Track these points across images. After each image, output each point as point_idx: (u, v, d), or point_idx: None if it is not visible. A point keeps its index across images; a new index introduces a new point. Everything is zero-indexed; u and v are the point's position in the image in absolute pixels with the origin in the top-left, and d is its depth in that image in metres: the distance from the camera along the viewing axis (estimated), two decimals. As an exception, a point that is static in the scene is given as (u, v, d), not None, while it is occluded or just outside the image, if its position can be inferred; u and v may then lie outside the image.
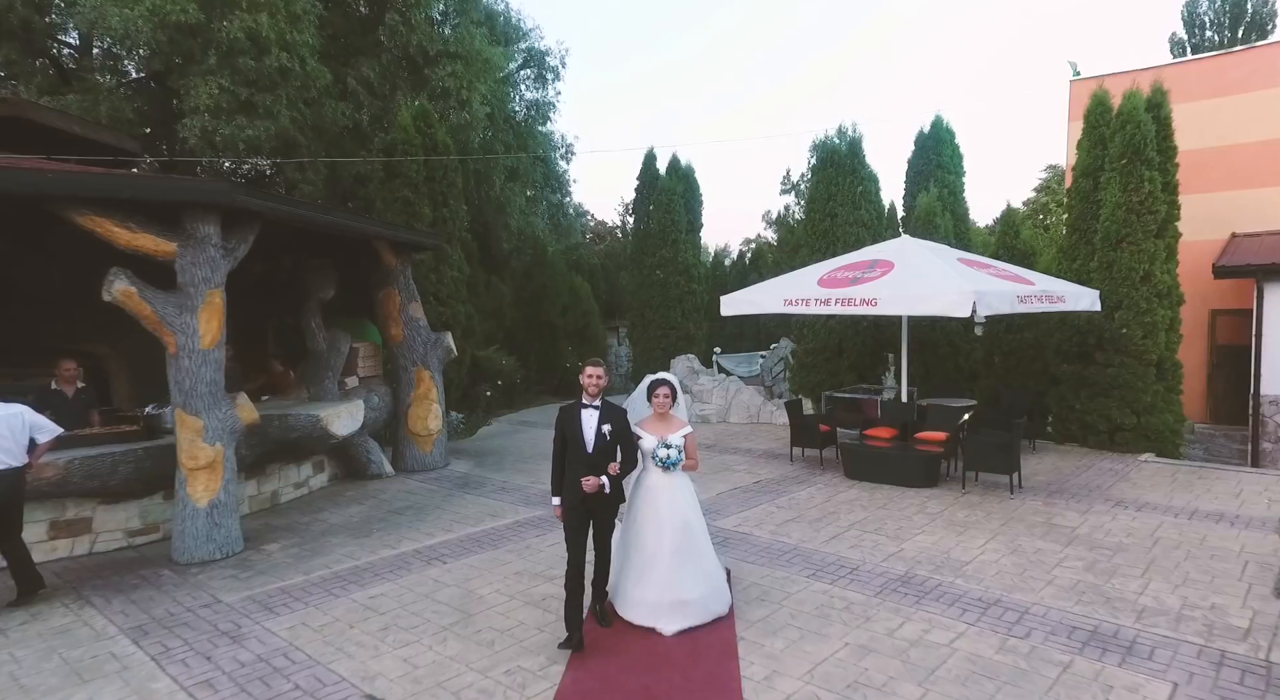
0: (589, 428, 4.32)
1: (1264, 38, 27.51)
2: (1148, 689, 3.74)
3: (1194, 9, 27.60)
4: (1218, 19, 27.74)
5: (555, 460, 4.47)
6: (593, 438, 4.30)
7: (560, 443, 4.42)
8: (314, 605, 5.00)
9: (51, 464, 5.65)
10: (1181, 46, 29.05)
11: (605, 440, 4.32)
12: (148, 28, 10.18)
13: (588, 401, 4.37)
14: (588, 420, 4.34)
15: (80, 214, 5.55)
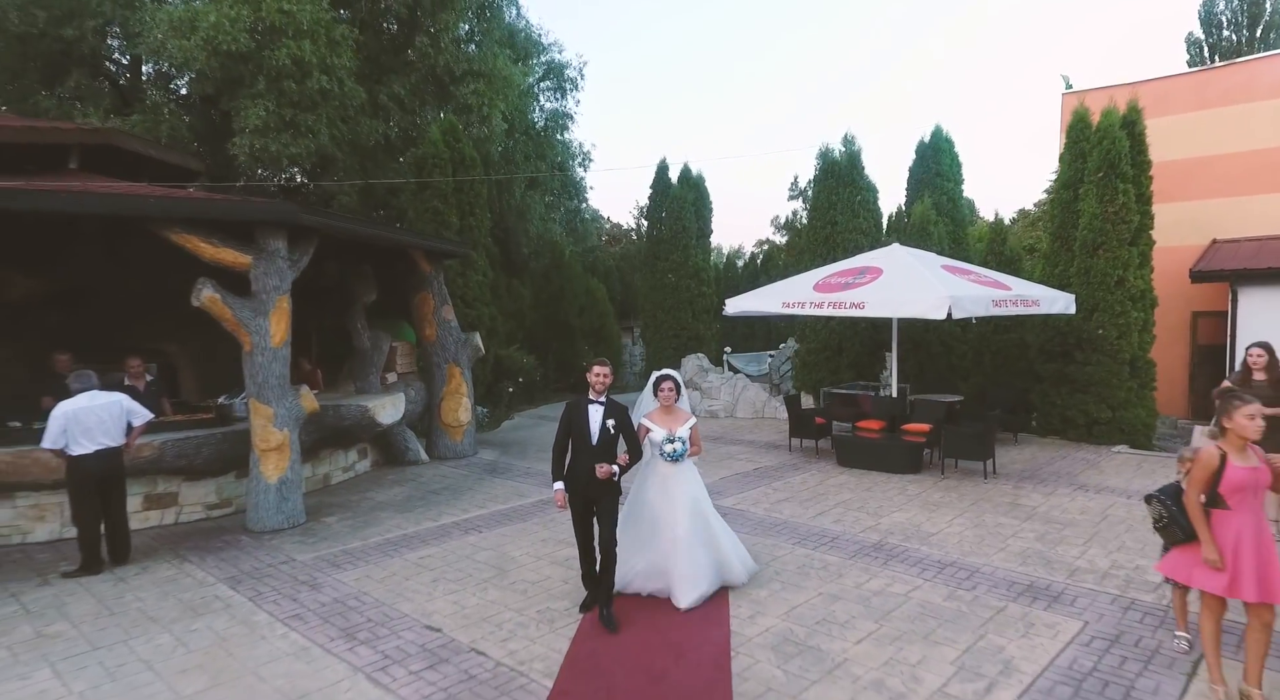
0: (594, 421, 4.69)
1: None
2: (1063, 626, 4.56)
3: (1211, 9, 27.56)
4: (1235, 19, 27.61)
5: (557, 449, 4.79)
6: (597, 431, 4.67)
7: (564, 433, 4.77)
8: (373, 563, 5.93)
9: (148, 445, 6.64)
10: (1199, 46, 29.06)
11: (609, 433, 4.70)
12: (202, 55, 11.20)
13: (594, 397, 4.75)
14: (594, 415, 4.71)
15: (174, 232, 6.53)
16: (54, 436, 5.56)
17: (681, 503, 4.96)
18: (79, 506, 5.75)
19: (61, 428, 5.59)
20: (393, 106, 14.21)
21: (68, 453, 5.65)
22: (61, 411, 5.63)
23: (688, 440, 4.97)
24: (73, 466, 5.71)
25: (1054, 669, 4.03)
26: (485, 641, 4.48)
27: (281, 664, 4.23)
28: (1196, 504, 3.65)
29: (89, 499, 5.77)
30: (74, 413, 5.66)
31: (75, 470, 5.72)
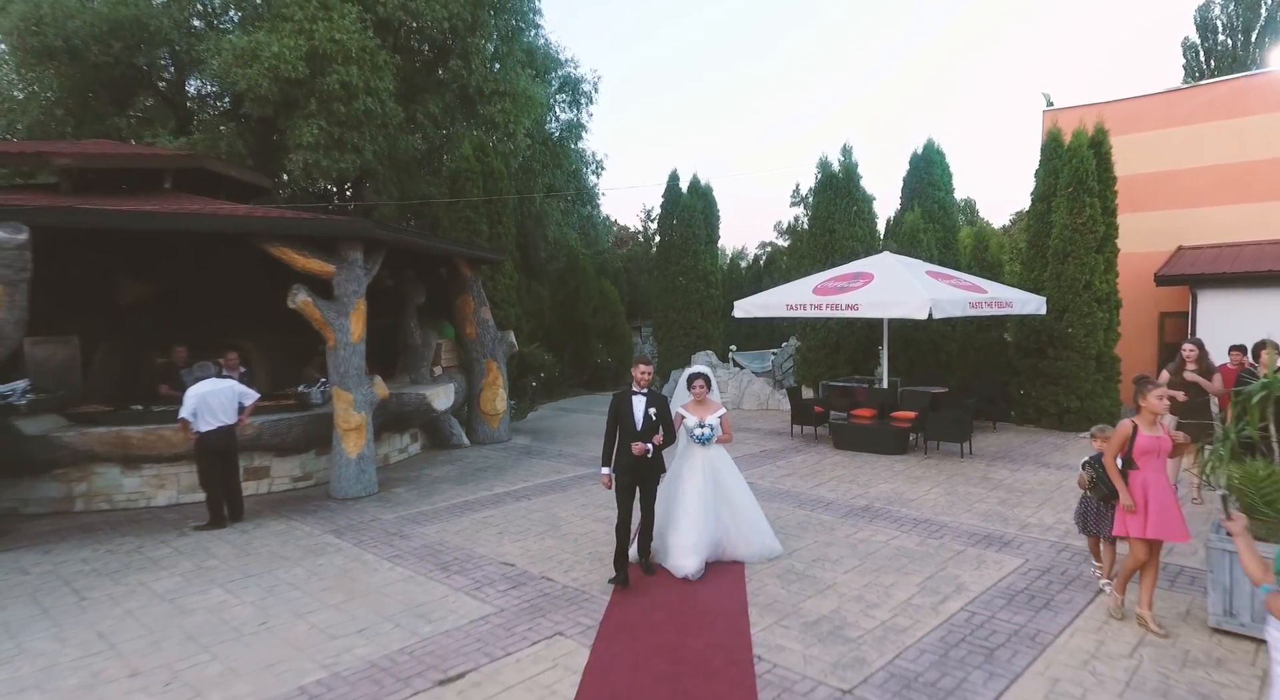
0: (639, 410, 5.34)
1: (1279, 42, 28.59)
2: (1007, 562, 5.78)
3: (1207, 14, 28.23)
4: (1231, 23, 28.20)
5: (608, 437, 5.40)
6: (641, 418, 5.32)
7: (613, 422, 5.39)
8: (446, 521, 7.15)
9: (251, 424, 7.87)
10: (1195, 51, 29.88)
11: (650, 420, 5.35)
12: (265, 82, 12.44)
13: (637, 389, 5.40)
14: (637, 404, 5.35)
15: (272, 245, 7.76)
16: (189, 410, 6.79)
17: (706, 480, 5.70)
18: (207, 473, 6.98)
19: (194, 407, 6.82)
20: (427, 123, 15.45)
21: (196, 429, 6.88)
22: (194, 393, 6.85)
23: (717, 426, 5.67)
24: (201, 440, 6.93)
25: (994, 589, 5.25)
26: (551, 572, 5.71)
27: (395, 586, 5.45)
28: (1113, 464, 4.79)
29: (214, 467, 7.00)
30: (203, 395, 6.89)
31: (202, 443, 6.95)
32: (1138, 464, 4.71)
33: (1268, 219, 12.83)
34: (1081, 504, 5.31)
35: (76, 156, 8.61)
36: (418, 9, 14.38)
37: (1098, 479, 5.07)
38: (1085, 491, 5.21)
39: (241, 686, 3.99)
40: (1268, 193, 12.87)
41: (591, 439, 11.69)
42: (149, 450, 7.62)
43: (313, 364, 10.61)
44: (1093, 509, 5.18)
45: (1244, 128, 13.06)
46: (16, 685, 4.03)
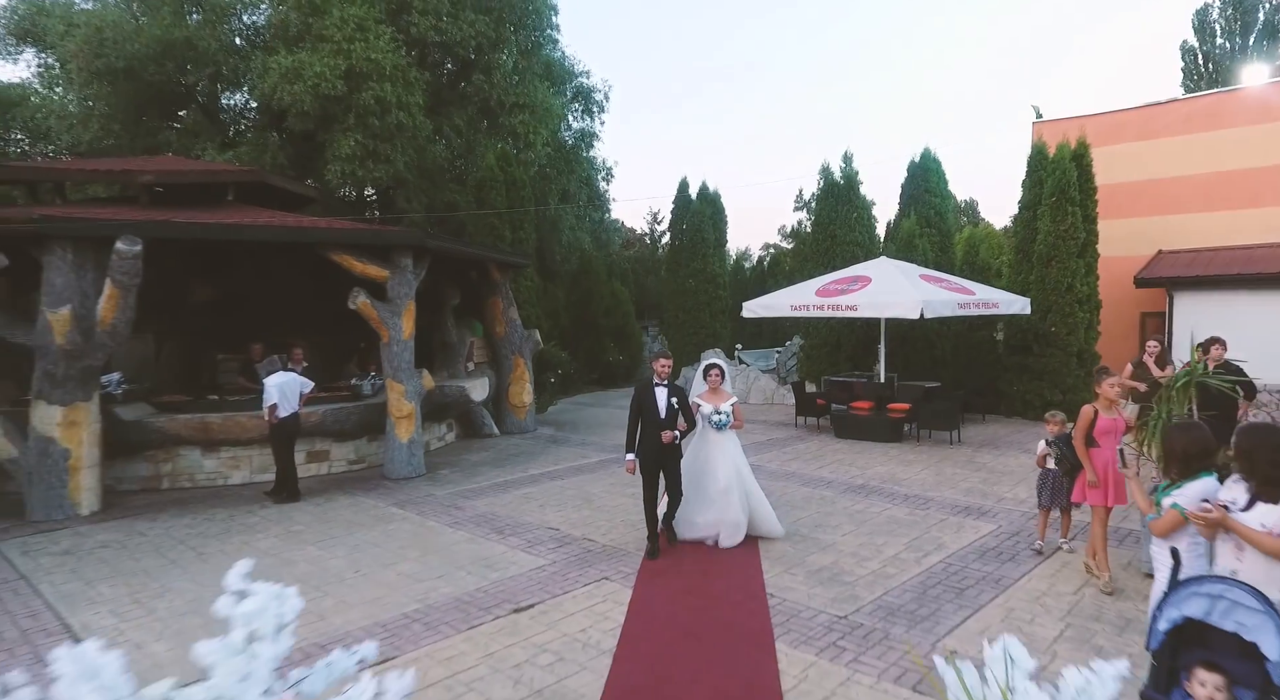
0: (661, 400, 5.92)
1: (1276, 45, 29.23)
2: (982, 527, 6.72)
3: (1205, 17, 28.85)
4: (1229, 26, 28.80)
5: (631, 425, 5.97)
6: (664, 407, 5.90)
7: (636, 412, 5.94)
8: (492, 496, 8.12)
9: (314, 413, 8.85)
10: (1193, 53, 30.57)
11: (672, 408, 5.94)
12: (308, 98, 13.43)
13: (659, 381, 5.97)
14: (660, 395, 5.94)
15: (335, 253, 8.74)
16: (271, 398, 7.77)
17: (724, 462, 6.24)
18: (285, 453, 7.96)
19: (275, 396, 7.80)
20: (452, 135, 16.44)
21: (277, 414, 7.86)
22: (273, 383, 7.84)
23: (730, 413, 6.25)
24: (278, 424, 7.91)
25: (969, 547, 6.20)
26: (591, 534, 6.67)
27: (461, 545, 6.42)
28: (1081, 443, 5.71)
29: (288, 448, 7.98)
30: (280, 385, 7.87)
31: (280, 427, 7.92)
32: (1098, 442, 5.64)
33: (1241, 225, 13.74)
34: (1040, 479, 6.22)
35: (156, 173, 9.61)
36: (445, 28, 15.36)
37: (1062, 455, 6.01)
38: (1042, 468, 6.13)
39: (355, 613, 4.97)
40: (1241, 201, 13.78)
41: (611, 429, 12.66)
42: (227, 434, 8.60)
43: (352, 360, 11.63)
44: (1049, 483, 6.09)
45: (1219, 140, 13.98)
46: (176, 611, 5.02)
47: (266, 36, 14.14)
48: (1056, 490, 6.07)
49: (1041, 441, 6.18)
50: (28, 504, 7.37)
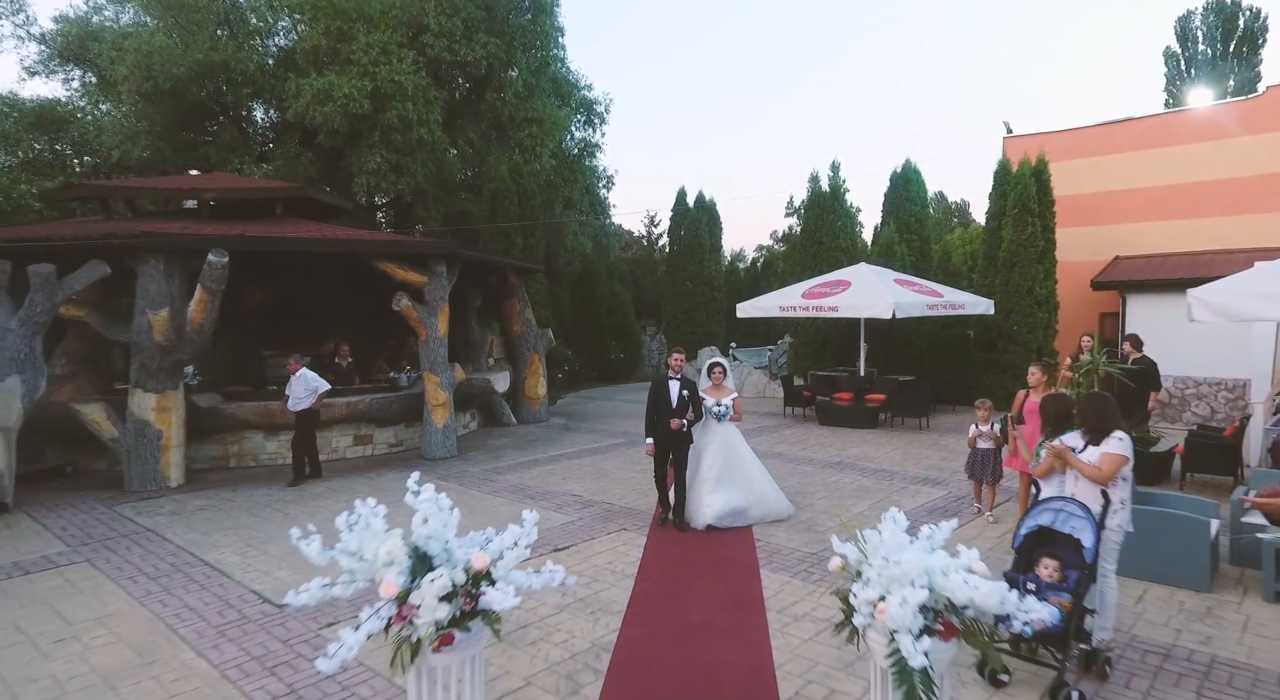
0: (674, 392, 6.78)
1: (1255, 51, 30.43)
2: (935, 493, 8.06)
3: (1187, 24, 29.92)
4: (1210, 33, 29.81)
5: (648, 414, 6.83)
6: (676, 398, 6.77)
7: (652, 402, 6.82)
8: (520, 472, 9.41)
9: (361, 401, 10.11)
10: (1175, 59, 31.86)
11: (683, 399, 6.79)
12: (337, 117, 14.69)
13: (672, 375, 6.86)
14: (673, 387, 6.79)
15: (380, 262, 10.01)
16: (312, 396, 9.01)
17: (720, 448, 7.03)
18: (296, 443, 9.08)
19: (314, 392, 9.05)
20: (466, 148, 17.71)
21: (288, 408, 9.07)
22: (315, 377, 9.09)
23: (730, 406, 7.03)
24: (314, 413, 9.13)
25: (921, 507, 7.53)
26: (609, 499, 7.98)
27: (500, 508, 7.72)
28: (1011, 421, 7.03)
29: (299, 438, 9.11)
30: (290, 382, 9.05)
31: (315, 416, 9.15)
32: (1025, 421, 6.97)
33: (1188, 234, 15.08)
34: (969, 457, 7.49)
35: (217, 190, 10.86)
36: (460, 49, 16.61)
37: (1004, 429, 7.32)
38: (973, 448, 7.42)
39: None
40: (1189, 211, 15.14)
41: (617, 419, 13.96)
42: (286, 420, 9.83)
43: (381, 356, 12.88)
44: (977, 461, 7.37)
45: (1169, 156, 15.34)
46: (285, 551, 6.30)
47: (299, 60, 15.35)
48: (984, 466, 7.34)
49: (972, 426, 7.47)
50: (126, 477, 8.63)
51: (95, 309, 8.95)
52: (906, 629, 2.70)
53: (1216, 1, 29.21)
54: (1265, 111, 14.22)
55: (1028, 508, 6.78)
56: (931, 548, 3.05)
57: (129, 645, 4.58)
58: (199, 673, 4.25)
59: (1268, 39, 29.47)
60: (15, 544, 6.66)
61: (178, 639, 4.67)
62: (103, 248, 8.59)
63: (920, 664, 2.63)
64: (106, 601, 5.30)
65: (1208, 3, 29.38)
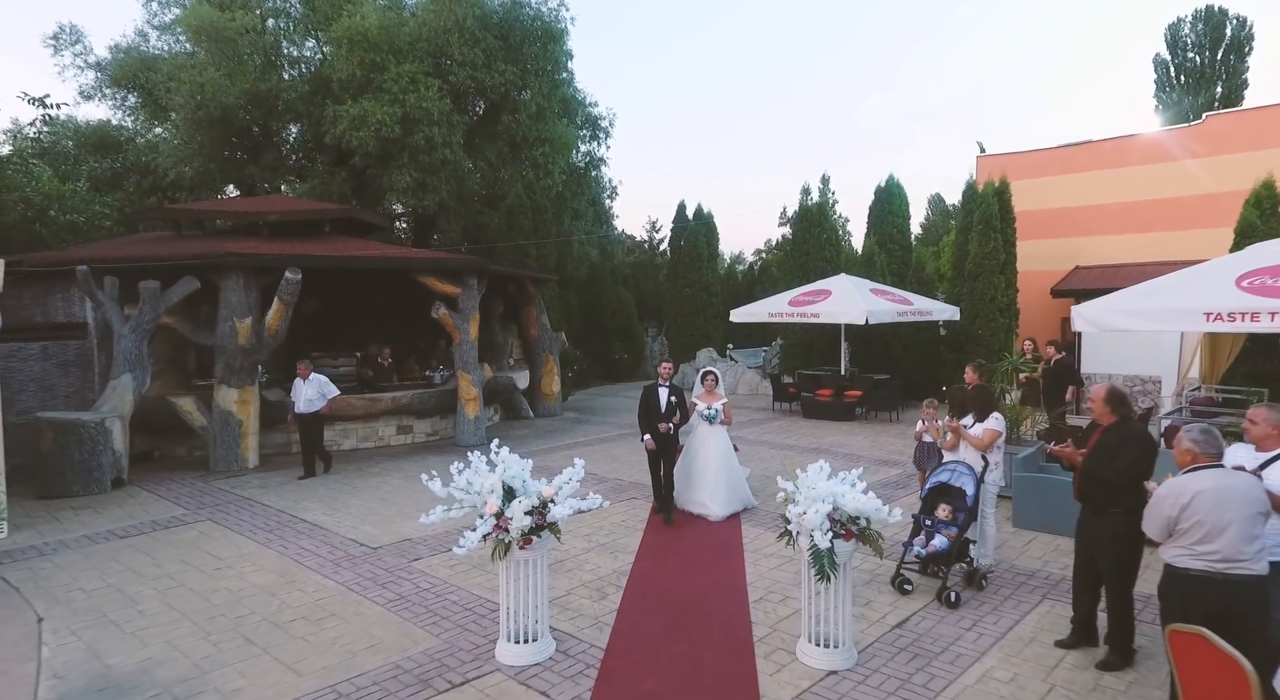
0: (663, 397, 7.57)
1: (1242, 59, 31.81)
2: (891, 472, 9.68)
3: (1177, 32, 31.03)
4: (1199, 41, 30.94)
5: (640, 416, 7.62)
6: (665, 403, 7.54)
7: (644, 406, 7.57)
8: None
9: (404, 396, 11.73)
10: (1165, 67, 33.26)
11: (670, 404, 7.54)
12: (371, 141, 16.31)
13: (662, 382, 7.65)
14: (662, 393, 7.58)
15: (422, 276, 11.63)
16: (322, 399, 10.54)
17: (712, 450, 7.80)
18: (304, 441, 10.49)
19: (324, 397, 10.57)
20: (484, 167, 19.33)
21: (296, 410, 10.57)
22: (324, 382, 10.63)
23: (720, 410, 7.77)
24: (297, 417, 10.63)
25: (878, 482, 9.15)
26: (619, 476, 9.59)
27: (530, 483, 9.31)
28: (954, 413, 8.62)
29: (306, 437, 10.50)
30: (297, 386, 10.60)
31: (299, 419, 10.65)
32: (965, 412, 8.55)
33: (1140, 247, 16.66)
34: (915, 449, 9.01)
35: (279, 212, 12.48)
36: (480, 77, 18.22)
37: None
38: (919, 441, 8.99)
39: (478, 514, 7.85)
40: (1139, 226, 16.73)
41: (623, 413, 15.57)
42: (341, 412, 11.46)
43: (412, 357, 14.48)
44: (923, 453, 8.88)
45: (1122, 176, 16.93)
46: (363, 512, 7.92)
47: (334, 88, 16.94)
48: (928, 456, 8.83)
49: (920, 422, 9.02)
50: (211, 458, 10.24)
51: (183, 317, 10.57)
52: (817, 527, 4.31)
53: (1205, 10, 30.37)
54: (1205, 138, 15.84)
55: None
56: (839, 481, 4.65)
57: (272, 571, 6.20)
58: (329, 588, 5.86)
59: (1254, 47, 30.60)
60: (145, 508, 8.28)
61: (305, 568, 6.29)
62: (193, 266, 10.21)
63: (825, 546, 4.24)
64: (239, 546, 6.91)
65: (1197, 11, 30.50)
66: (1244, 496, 3.60)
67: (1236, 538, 3.54)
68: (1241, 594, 3.56)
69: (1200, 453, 3.76)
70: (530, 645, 4.64)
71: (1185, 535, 3.62)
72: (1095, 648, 4.63)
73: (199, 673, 4.45)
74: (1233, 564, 3.54)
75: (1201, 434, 3.81)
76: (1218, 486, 3.60)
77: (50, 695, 4.16)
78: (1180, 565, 3.66)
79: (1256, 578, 3.59)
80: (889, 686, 4.27)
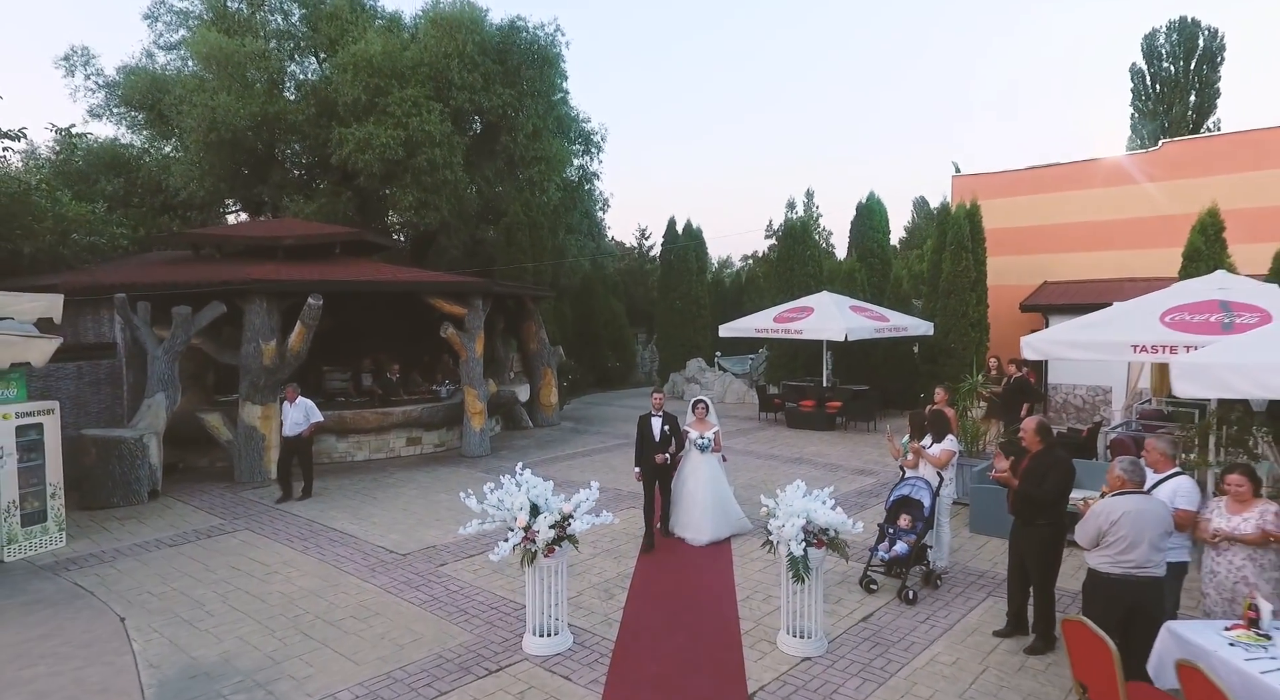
0: (656, 427, 7.83)
1: (1215, 70, 33.03)
2: (866, 481, 10.57)
3: (1153, 42, 32.14)
4: (1174, 51, 32.05)
5: (637, 446, 7.96)
6: (659, 433, 7.81)
7: (639, 436, 7.90)
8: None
9: (414, 409, 12.52)
10: (1141, 76, 34.46)
11: (665, 433, 7.82)
12: (376, 163, 17.06)
13: (655, 412, 7.92)
14: (655, 423, 7.84)
15: (431, 298, 12.42)
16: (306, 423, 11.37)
17: (707, 479, 8.07)
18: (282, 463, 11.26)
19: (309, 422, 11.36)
20: (483, 185, 20.11)
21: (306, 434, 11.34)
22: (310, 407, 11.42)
23: (711, 439, 8.03)
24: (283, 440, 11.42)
25: (854, 490, 10.05)
26: (616, 485, 10.44)
27: (536, 493, 10.14)
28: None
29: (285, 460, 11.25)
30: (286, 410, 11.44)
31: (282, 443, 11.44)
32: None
33: (1101, 263, 17.70)
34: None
35: (295, 237, 13.23)
36: (479, 99, 19.00)
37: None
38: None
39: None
40: (1102, 244, 17.77)
41: (618, 423, 16.41)
42: (355, 425, 12.25)
43: (416, 370, 15.25)
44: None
45: (1086, 197, 17.98)
46: (386, 522, 8.72)
47: (340, 111, 17.67)
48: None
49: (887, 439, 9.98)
50: (236, 470, 10.98)
51: (209, 338, 11.31)
52: (793, 538, 5.18)
53: (1179, 21, 31.49)
54: (1162, 163, 16.93)
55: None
56: (813, 498, 5.53)
57: (315, 576, 7.00)
58: (369, 590, 6.67)
59: (1226, 58, 31.88)
60: (185, 518, 9.04)
61: (345, 573, 7.10)
62: (220, 291, 10.95)
63: (800, 554, 5.11)
64: (280, 553, 7.70)
65: (1171, 22, 31.60)
66: (1157, 517, 4.52)
67: (1149, 549, 4.45)
68: (1148, 591, 4.49)
69: (1128, 480, 4.66)
70: (552, 638, 5.48)
71: (1110, 546, 4.51)
72: (1026, 636, 5.54)
73: (272, 663, 5.26)
74: (1143, 569, 4.46)
75: (1131, 465, 4.71)
76: (1139, 509, 4.50)
77: (152, 681, 4.96)
78: (1103, 570, 4.56)
79: (1159, 579, 4.54)
80: (853, 670, 5.15)
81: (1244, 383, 4.66)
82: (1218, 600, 4.64)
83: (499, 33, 19.71)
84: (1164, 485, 5.00)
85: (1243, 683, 3.43)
